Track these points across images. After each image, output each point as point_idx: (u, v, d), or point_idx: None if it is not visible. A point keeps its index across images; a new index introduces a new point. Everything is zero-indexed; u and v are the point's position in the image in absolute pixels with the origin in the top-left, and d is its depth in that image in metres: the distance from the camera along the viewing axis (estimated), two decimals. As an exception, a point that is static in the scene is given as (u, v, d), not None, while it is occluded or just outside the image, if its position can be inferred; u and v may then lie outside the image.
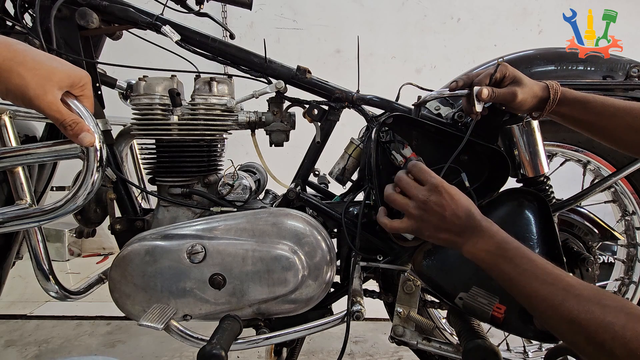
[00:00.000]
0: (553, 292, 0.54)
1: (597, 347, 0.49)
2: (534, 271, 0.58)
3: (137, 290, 0.87)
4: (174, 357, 1.47)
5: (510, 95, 0.76)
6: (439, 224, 0.68)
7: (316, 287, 0.88)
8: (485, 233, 0.65)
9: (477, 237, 0.65)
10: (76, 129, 0.58)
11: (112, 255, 2.66)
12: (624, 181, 1.07)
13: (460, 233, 0.67)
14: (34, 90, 0.53)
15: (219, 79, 1.00)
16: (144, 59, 1.05)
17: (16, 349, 1.53)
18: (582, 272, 0.95)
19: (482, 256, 0.64)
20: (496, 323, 0.79)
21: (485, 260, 0.64)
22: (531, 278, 0.57)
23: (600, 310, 0.50)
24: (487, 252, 0.63)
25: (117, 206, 1.02)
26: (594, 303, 0.51)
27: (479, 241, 0.65)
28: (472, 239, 0.65)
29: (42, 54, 0.56)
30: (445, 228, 0.68)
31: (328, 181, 1.21)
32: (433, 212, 0.68)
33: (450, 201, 0.67)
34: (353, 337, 1.58)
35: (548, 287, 0.55)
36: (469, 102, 0.81)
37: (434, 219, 0.68)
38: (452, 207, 0.67)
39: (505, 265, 0.61)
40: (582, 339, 0.51)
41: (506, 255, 0.62)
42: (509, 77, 0.78)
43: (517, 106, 0.78)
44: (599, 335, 0.49)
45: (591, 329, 0.50)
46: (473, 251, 0.65)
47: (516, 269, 0.60)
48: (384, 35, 2.58)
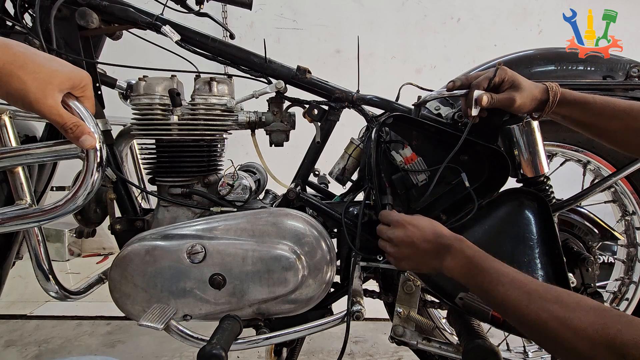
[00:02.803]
0: (519, 296, 0.57)
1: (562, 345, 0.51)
2: (501, 279, 0.61)
3: (137, 290, 0.87)
4: (174, 357, 1.47)
5: (508, 101, 0.77)
6: (414, 254, 0.73)
7: (316, 287, 0.88)
8: (455, 249, 0.68)
9: (449, 255, 0.69)
10: (77, 132, 0.57)
11: (112, 255, 2.66)
12: (624, 181, 1.07)
13: (436, 254, 0.70)
14: (35, 94, 0.53)
15: (219, 79, 1.00)
16: (144, 59, 1.05)
17: (16, 349, 1.53)
18: (582, 272, 0.95)
19: (458, 271, 0.67)
20: (496, 323, 0.79)
21: (461, 274, 0.67)
22: (500, 285, 0.60)
23: (561, 309, 0.52)
24: (461, 267, 0.67)
25: (117, 206, 1.02)
26: (554, 302, 0.54)
27: (452, 258, 0.68)
28: (446, 257, 0.69)
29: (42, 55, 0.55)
30: (421, 256, 0.72)
31: (328, 181, 1.21)
32: (405, 244, 0.73)
33: (415, 230, 0.73)
34: (353, 337, 1.58)
35: (515, 291, 0.58)
36: (466, 102, 0.81)
37: (407, 251, 0.73)
38: (418, 234, 0.72)
39: (478, 276, 0.64)
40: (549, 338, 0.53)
41: (477, 267, 0.65)
42: (508, 81, 0.78)
43: (516, 110, 0.79)
44: (562, 333, 0.51)
45: (554, 327, 0.52)
46: (449, 268, 0.69)
47: (487, 277, 0.63)
48: (384, 35, 2.58)
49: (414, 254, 0.73)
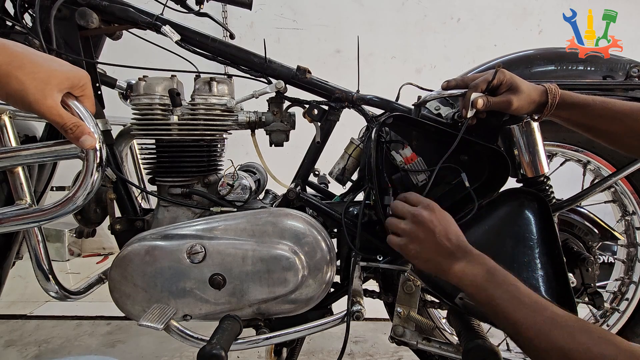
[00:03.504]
0: (540, 321, 0.55)
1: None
2: (521, 298, 0.59)
3: (137, 290, 0.87)
4: (174, 357, 1.47)
5: (504, 104, 0.77)
6: (426, 241, 0.69)
7: (316, 287, 0.88)
8: (477, 259, 0.66)
9: (467, 262, 0.66)
10: (77, 132, 0.57)
11: (112, 255, 2.66)
12: (624, 181, 1.07)
13: (448, 255, 0.68)
14: (34, 95, 0.52)
15: (219, 79, 1.00)
16: (144, 59, 1.05)
17: (16, 349, 1.53)
18: (582, 272, 0.95)
19: (472, 280, 0.65)
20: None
21: (475, 283, 0.64)
22: (519, 305, 0.58)
23: (592, 342, 0.50)
24: (478, 276, 0.64)
25: (117, 206, 1.02)
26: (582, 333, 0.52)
27: (469, 265, 0.66)
28: (461, 262, 0.67)
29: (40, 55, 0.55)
30: (431, 248, 0.69)
31: (328, 181, 1.21)
32: (423, 226, 0.69)
33: (441, 220, 0.70)
34: (353, 337, 1.58)
35: (535, 315, 0.56)
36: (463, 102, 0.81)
37: (422, 234, 0.69)
38: (443, 227, 0.69)
39: (495, 290, 0.62)
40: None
41: (496, 281, 0.63)
42: (506, 83, 0.78)
43: (512, 113, 0.79)
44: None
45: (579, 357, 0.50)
46: (462, 275, 0.66)
47: (504, 294, 0.60)
48: (384, 35, 2.57)
49: (427, 241, 0.69)
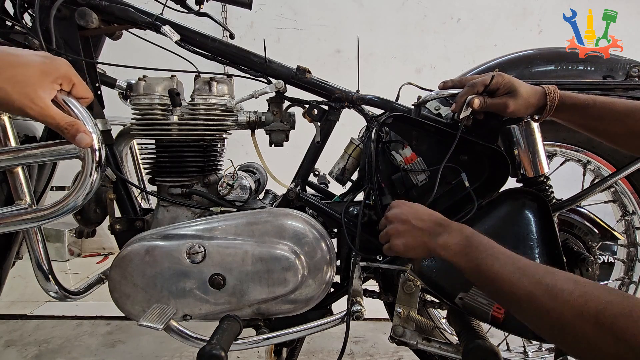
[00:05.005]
0: (511, 272, 0.58)
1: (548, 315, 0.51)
2: (497, 255, 0.62)
3: (137, 290, 0.87)
4: (174, 357, 1.47)
5: (501, 106, 0.78)
6: (407, 231, 0.73)
7: (316, 287, 0.88)
8: (455, 228, 0.69)
9: (448, 234, 0.69)
10: (72, 131, 0.56)
11: (112, 255, 2.66)
12: (624, 181, 1.07)
13: (429, 235, 0.71)
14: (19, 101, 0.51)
15: (219, 79, 1.00)
16: (144, 59, 1.04)
17: (16, 349, 1.53)
18: (582, 272, 0.95)
19: (454, 248, 0.67)
20: (496, 323, 0.79)
21: (457, 251, 0.67)
22: (495, 261, 0.61)
23: (552, 281, 0.53)
24: (457, 244, 0.67)
25: (117, 206, 1.02)
26: (547, 274, 0.54)
27: (450, 236, 0.69)
28: (442, 236, 0.69)
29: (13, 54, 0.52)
30: (414, 234, 0.72)
31: (328, 181, 1.21)
32: (398, 220, 0.74)
33: (410, 208, 0.75)
34: (353, 337, 1.58)
35: (508, 266, 0.59)
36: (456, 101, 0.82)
37: (400, 227, 0.74)
38: (413, 213, 0.74)
39: (474, 252, 0.65)
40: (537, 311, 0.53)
41: (473, 245, 0.65)
42: (504, 87, 0.78)
43: (509, 115, 0.80)
44: (549, 303, 0.51)
45: (544, 298, 0.52)
46: (446, 246, 0.69)
47: (482, 254, 0.63)
48: (384, 35, 2.57)
49: (407, 231, 0.73)
